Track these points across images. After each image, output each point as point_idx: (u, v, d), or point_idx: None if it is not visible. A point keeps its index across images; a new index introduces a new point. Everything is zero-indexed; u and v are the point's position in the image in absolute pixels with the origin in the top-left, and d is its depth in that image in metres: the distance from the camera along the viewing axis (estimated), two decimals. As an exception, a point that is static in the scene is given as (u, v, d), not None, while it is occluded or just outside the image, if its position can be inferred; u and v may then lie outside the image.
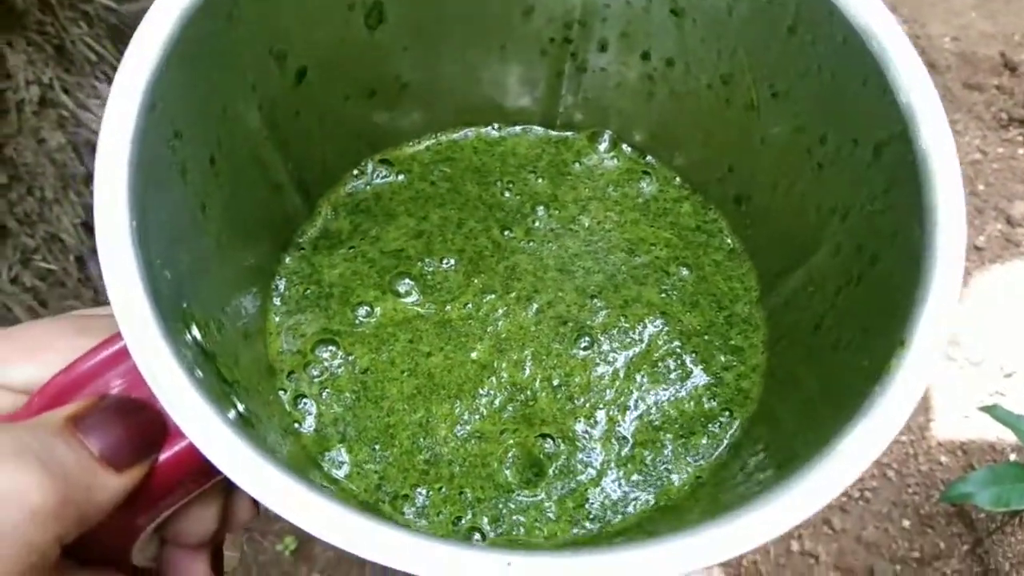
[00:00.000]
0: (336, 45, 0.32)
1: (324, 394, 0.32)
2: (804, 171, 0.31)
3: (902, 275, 0.24)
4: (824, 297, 0.29)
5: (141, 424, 0.23)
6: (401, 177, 0.37)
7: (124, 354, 0.24)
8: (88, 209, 0.76)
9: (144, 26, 0.25)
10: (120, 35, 0.86)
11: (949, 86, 1.33)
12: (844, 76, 0.28)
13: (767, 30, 0.30)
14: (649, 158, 0.38)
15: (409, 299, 0.34)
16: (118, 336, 0.24)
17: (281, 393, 0.32)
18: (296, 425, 0.31)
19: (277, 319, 0.33)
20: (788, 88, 0.30)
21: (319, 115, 0.34)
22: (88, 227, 0.77)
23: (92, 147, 0.77)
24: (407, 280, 0.34)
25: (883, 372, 0.22)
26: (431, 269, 0.35)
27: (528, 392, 0.32)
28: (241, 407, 0.25)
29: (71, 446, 0.21)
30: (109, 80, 0.79)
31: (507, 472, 0.31)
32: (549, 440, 0.31)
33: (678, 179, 0.38)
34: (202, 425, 0.21)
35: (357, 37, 0.32)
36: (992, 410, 0.76)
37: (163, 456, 0.23)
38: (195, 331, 0.25)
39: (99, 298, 0.79)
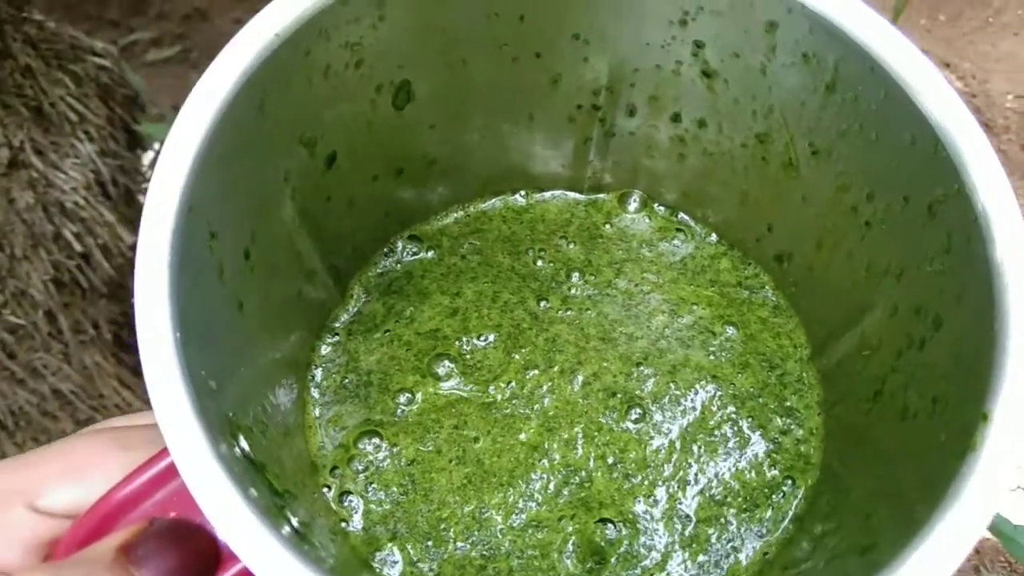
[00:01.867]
0: (364, 128, 0.32)
1: (370, 489, 0.31)
2: (851, 230, 0.30)
3: (973, 341, 0.23)
4: (882, 361, 0.28)
5: (195, 550, 0.22)
6: (431, 253, 0.37)
7: (170, 473, 0.23)
8: (57, 265, 0.78)
9: (178, 127, 0.24)
10: (110, 93, 0.87)
11: (1004, 148, 1.18)
12: (889, 134, 0.27)
13: (804, 88, 0.29)
14: (682, 215, 0.38)
15: (450, 382, 0.33)
16: (163, 453, 0.23)
17: (325, 491, 0.31)
18: (343, 524, 0.30)
19: (316, 412, 0.32)
20: (829, 146, 0.30)
21: (348, 197, 0.33)
22: (58, 283, 0.78)
23: (61, 207, 0.78)
24: (446, 362, 0.33)
25: (967, 449, 0.21)
26: (469, 348, 0.34)
27: (583, 473, 0.31)
28: (295, 521, 0.24)
29: None
30: (90, 138, 0.81)
31: (568, 562, 0.30)
32: (609, 525, 0.30)
33: (714, 236, 0.37)
34: (258, 547, 0.20)
35: (385, 118, 0.32)
36: None
37: None
38: (243, 442, 0.24)
39: (67, 351, 0.79)
